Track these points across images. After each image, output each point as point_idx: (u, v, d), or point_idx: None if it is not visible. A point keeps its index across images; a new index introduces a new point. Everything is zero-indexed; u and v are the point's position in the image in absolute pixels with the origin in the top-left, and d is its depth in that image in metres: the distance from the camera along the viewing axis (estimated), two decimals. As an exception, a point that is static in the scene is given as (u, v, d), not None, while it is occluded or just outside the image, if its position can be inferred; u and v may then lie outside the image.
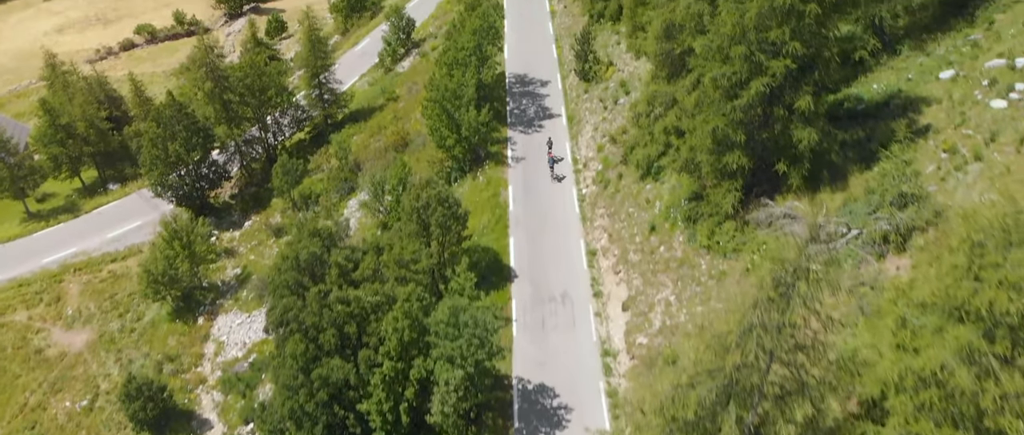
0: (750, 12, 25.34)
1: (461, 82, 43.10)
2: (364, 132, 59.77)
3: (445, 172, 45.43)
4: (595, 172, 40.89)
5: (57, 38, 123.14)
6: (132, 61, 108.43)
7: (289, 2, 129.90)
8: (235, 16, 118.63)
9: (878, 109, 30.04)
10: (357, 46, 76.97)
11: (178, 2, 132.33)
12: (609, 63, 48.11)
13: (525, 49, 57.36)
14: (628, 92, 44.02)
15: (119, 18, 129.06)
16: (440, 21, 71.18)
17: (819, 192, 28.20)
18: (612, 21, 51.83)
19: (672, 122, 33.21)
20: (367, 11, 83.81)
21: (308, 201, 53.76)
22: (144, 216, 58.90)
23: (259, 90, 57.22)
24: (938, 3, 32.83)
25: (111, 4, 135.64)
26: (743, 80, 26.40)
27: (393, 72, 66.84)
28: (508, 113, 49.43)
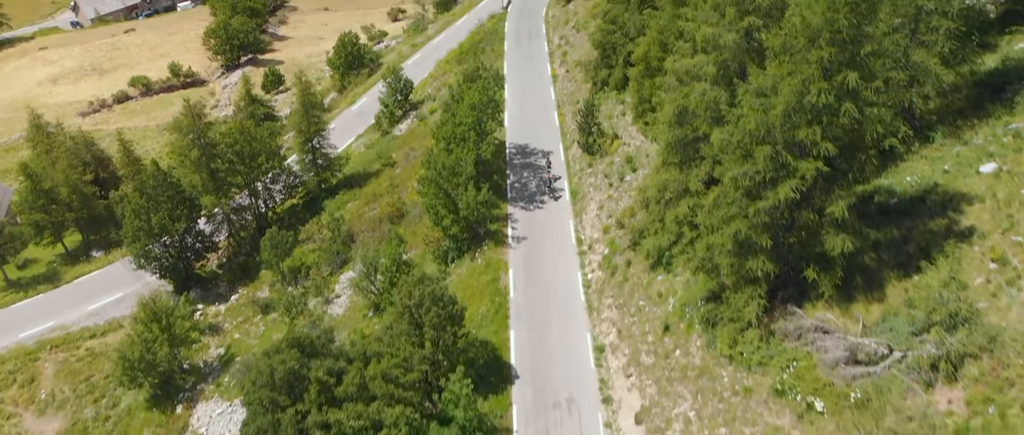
0: (776, 108, 22.96)
1: (459, 158, 40.76)
2: (359, 199, 57.35)
3: (441, 251, 42.81)
4: (601, 256, 38.25)
5: (51, 89, 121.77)
6: (125, 114, 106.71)
7: (287, 53, 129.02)
8: (232, 68, 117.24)
9: (913, 205, 27.54)
10: (354, 105, 75.04)
11: (176, 52, 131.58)
12: (614, 136, 45.84)
13: (526, 115, 55.24)
14: (635, 169, 41.64)
15: (115, 68, 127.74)
16: (439, 82, 69.28)
17: (853, 301, 25.55)
18: (616, 90, 49.73)
19: (685, 213, 30.72)
20: (365, 68, 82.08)
21: (298, 274, 51.08)
22: (127, 286, 56.18)
23: (249, 156, 54.86)
24: (971, 84, 30.52)
25: (107, 54, 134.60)
26: (768, 180, 23.92)
27: (390, 135, 64.68)
28: (508, 187, 47.02)
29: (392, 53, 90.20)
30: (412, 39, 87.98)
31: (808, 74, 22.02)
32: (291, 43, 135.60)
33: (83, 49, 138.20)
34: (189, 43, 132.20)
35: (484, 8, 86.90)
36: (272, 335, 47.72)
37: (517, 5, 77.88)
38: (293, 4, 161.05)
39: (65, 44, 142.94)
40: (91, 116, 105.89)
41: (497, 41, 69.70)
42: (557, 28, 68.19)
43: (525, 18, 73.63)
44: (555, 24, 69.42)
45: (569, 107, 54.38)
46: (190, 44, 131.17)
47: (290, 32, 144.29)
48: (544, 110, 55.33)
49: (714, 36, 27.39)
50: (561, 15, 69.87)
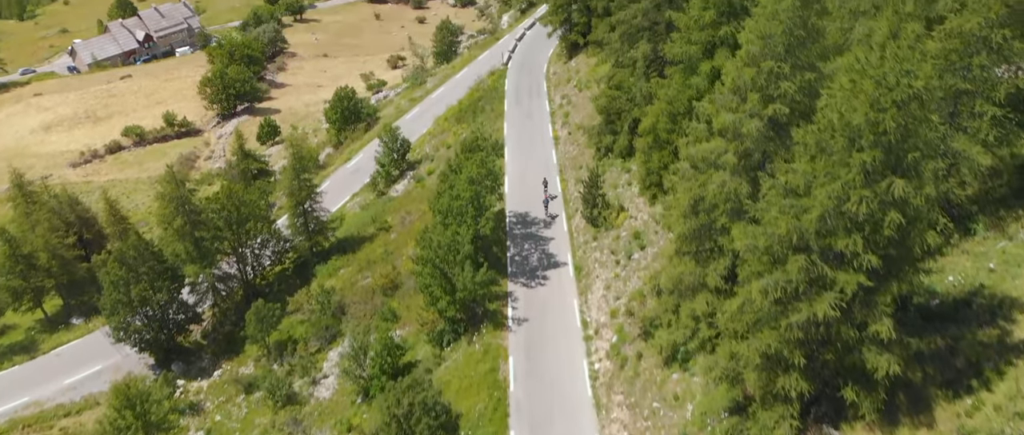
0: (811, 214, 20.39)
1: (457, 234, 38.17)
2: (352, 265, 54.69)
3: (436, 334, 39.98)
4: (609, 344, 35.42)
5: (43, 137, 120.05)
6: (117, 165, 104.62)
7: (285, 101, 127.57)
8: (228, 117, 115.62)
9: (958, 309, 24.86)
10: (350, 162, 72.79)
11: (172, 100, 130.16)
12: (620, 208, 43.33)
13: (528, 181, 52.81)
14: (643, 246, 39.03)
15: (109, 116, 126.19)
16: (437, 141, 67.13)
17: (897, 425, 22.72)
18: (622, 158, 47.34)
19: (702, 309, 28.02)
20: (362, 122, 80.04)
21: (284, 350, 48.20)
22: (106, 358, 53.30)
23: (237, 222, 52.33)
24: (1012, 169, 28.03)
25: (102, 101, 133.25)
26: (800, 292, 21.27)
27: (386, 196, 62.28)
28: (508, 260, 44.36)
29: (390, 106, 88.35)
30: (410, 93, 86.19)
31: (848, 179, 19.50)
32: (289, 91, 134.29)
33: (78, 96, 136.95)
34: (186, 90, 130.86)
35: (485, 61, 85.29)
36: (255, 418, 44.71)
37: (518, 61, 76.14)
38: (292, 50, 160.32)
39: (60, 90, 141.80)
40: (82, 167, 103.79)
41: (497, 99, 67.69)
42: (558, 86, 66.21)
43: (526, 74, 71.75)
44: (556, 82, 67.48)
45: (571, 172, 52.01)
46: (186, 91, 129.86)
47: (289, 79, 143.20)
48: (546, 174, 52.88)
49: (734, 123, 24.99)
50: (562, 72, 67.97)
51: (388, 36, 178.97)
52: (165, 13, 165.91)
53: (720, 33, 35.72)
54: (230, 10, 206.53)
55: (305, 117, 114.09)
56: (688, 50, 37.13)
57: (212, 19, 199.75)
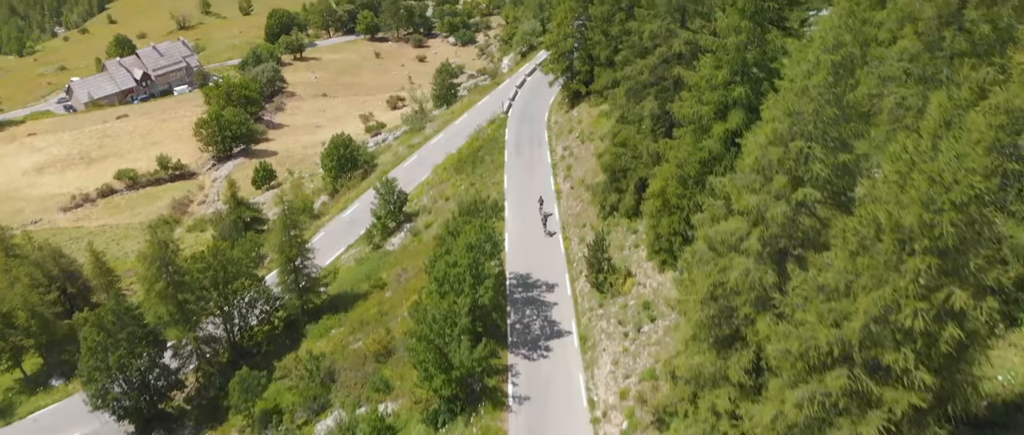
0: (854, 323, 17.91)
1: (453, 304, 35.64)
2: (344, 325, 52.03)
3: (430, 413, 37.21)
4: (619, 431, 32.66)
5: (35, 179, 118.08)
6: (109, 209, 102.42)
7: (282, 143, 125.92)
8: (224, 159, 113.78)
9: (1010, 414, 22.28)
10: (346, 211, 70.43)
11: (168, 140, 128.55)
12: (627, 273, 40.83)
13: (528, 240, 50.40)
14: (653, 319, 36.47)
15: (103, 157, 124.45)
16: (435, 192, 64.89)
17: None
18: (627, 217, 44.99)
19: (724, 406, 25.38)
20: (359, 169, 77.89)
21: (270, 421, 45.32)
22: (85, 424, 50.46)
23: (224, 282, 49.83)
24: (1059, 251, 25.61)
25: (97, 142, 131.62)
26: (843, 408, 18.71)
27: (382, 250, 59.87)
28: (509, 329, 41.71)
29: (388, 151, 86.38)
30: (409, 139, 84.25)
31: (898, 286, 17.06)
32: (287, 132, 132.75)
33: (73, 136, 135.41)
34: (182, 131, 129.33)
35: (485, 107, 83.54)
36: (237, 499, 41.77)
37: (518, 109, 74.25)
38: (291, 90, 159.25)
39: (55, 130, 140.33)
40: (73, 211, 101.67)
41: (497, 150, 65.57)
42: (560, 136, 64.15)
43: (526, 123, 69.76)
44: (558, 131, 65.44)
45: (575, 230, 49.59)
46: (183, 132, 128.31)
47: (287, 119, 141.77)
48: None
49: (759, 206, 22.63)
50: (564, 122, 65.96)
51: (388, 75, 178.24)
52: (164, 52, 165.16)
53: (734, 94, 33.59)
54: (230, 48, 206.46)
55: (302, 160, 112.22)
56: (699, 110, 34.94)
57: (211, 57, 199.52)
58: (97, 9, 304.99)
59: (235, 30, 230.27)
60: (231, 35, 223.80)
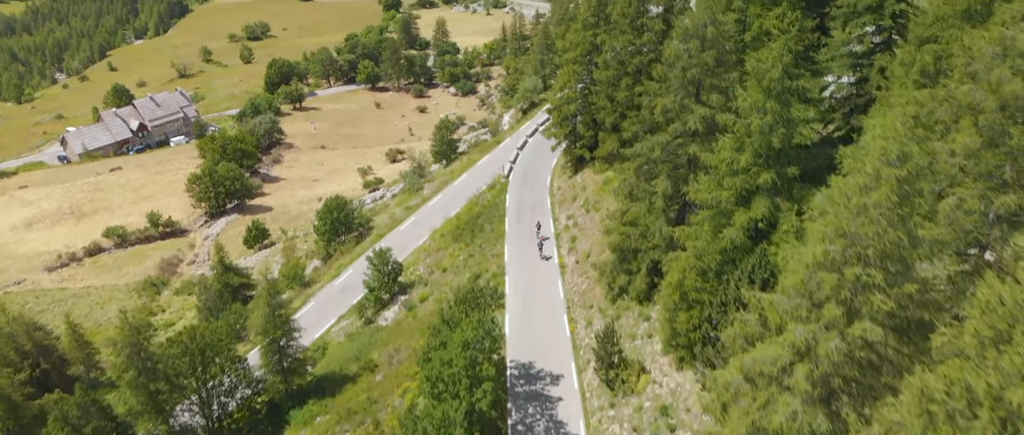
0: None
1: (447, 413, 31.91)
2: (330, 413, 48.13)
3: (423, 532, 33.18)
4: None
5: (23, 234, 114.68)
6: (95, 269, 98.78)
7: (278, 198, 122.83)
8: (217, 215, 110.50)
9: None
10: (338, 278, 66.90)
11: (161, 194, 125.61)
12: (640, 368, 37.17)
13: (531, 323, 46.74)
14: (673, 429, 32.68)
15: (94, 211, 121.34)
16: (432, 260, 61.54)
17: None
18: (639, 302, 41.47)
19: None
20: (353, 232, 74.63)
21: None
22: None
23: (202, 365, 46.16)
24: None
25: (88, 195, 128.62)
26: None
27: (374, 325, 56.21)
28: (509, 430, 37.82)
29: (384, 212, 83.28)
30: (406, 200, 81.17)
31: (1001, 476, 13.54)
32: (283, 186, 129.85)
33: (64, 189, 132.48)
34: (176, 184, 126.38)
35: (485, 166, 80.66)
36: None
37: (519, 172, 71.22)
38: (289, 141, 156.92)
39: (47, 182, 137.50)
40: (58, 271, 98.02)
41: (497, 218, 62.30)
42: (564, 204, 60.95)
43: (528, 189, 66.63)
44: (561, 198, 62.26)
45: (581, 311, 46.00)
46: (176, 185, 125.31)
47: (284, 172, 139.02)
48: (552, 315, 46.89)
49: (808, 338, 19.17)
50: (568, 188, 62.83)
51: (388, 125, 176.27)
52: (161, 102, 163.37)
53: (759, 180, 30.41)
54: (229, 97, 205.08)
55: (297, 217, 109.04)
56: (718, 196, 31.72)
57: (210, 106, 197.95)
58: (98, 56, 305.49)
59: (235, 79, 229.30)
60: (231, 84, 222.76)
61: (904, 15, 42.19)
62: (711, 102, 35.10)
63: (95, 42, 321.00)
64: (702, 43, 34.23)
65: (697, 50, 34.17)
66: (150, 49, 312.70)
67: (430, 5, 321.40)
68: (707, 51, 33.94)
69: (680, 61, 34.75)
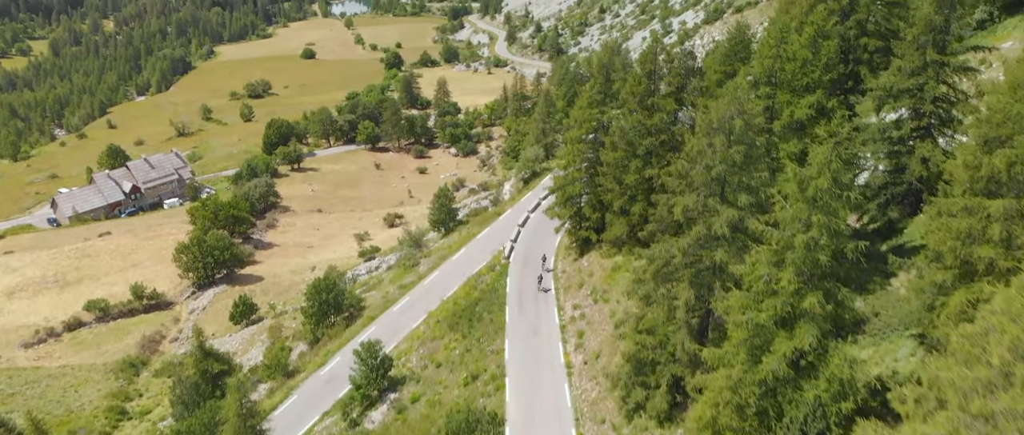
0: None
1: None
2: None
3: None
4: None
5: (4, 304, 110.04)
6: (74, 346, 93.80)
7: (270, 266, 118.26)
8: (205, 286, 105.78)
9: None
10: (325, 367, 61.85)
11: (149, 262, 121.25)
12: (664, 510, 32.12)
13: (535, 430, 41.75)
14: None
15: (79, 280, 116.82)
16: (426, 350, 56.70)
17: None
18: (658, 422, 36.53)
19: None
20: (343, 313, 69.88)
21: None
22: None
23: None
24: None
25: (74, 262, 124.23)
26: None
27: (360, 427, 50.99)
28: None
29: (377, 289, 78.64)
30: (401, 277, 76.61)
31: None
32: (276, 253, 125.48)
33: (50, 255, 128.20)
34: (165, 250, 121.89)
35: (485, 241, 76.33)
36: None
37: (521, 252, 66.71)
38: (285, 204, 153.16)
39: (33, 247, 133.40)
40: (35, 347, 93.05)
41: (496, 306, 57.60)
42: (569, 291, 56.33)
43: (530, 271, 62.02)
44: (566, 284, 57.66)
45: (592, 426, 40.91)
46: (166, 252, 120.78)
47: (278, 237, 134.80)
48: (558, 426, 41.83)
49: None
50: (573, 273, 58.28)
51: (387, 187, 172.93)
52: (155, 164, 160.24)
53: (804, 304, 25.91)
54: (227, 157, 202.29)
55: (288, 288, 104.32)
56: (755, 317, 27.15)
57: (208, 166, 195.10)
58: (98, 113, 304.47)
59: (234, 137, 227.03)
60: (230, 143, 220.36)
61: (946, 99, 38.37)
62: (739, 202, 30.77)
63: (96, 99, 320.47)
64: (728, 138, 30.10)
65: (723, 146, 30.03)
66: (151, 106, 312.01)
67: (432, 64, 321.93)
68: (734, 147, 29.77)
69: (703, 157, 30.58)
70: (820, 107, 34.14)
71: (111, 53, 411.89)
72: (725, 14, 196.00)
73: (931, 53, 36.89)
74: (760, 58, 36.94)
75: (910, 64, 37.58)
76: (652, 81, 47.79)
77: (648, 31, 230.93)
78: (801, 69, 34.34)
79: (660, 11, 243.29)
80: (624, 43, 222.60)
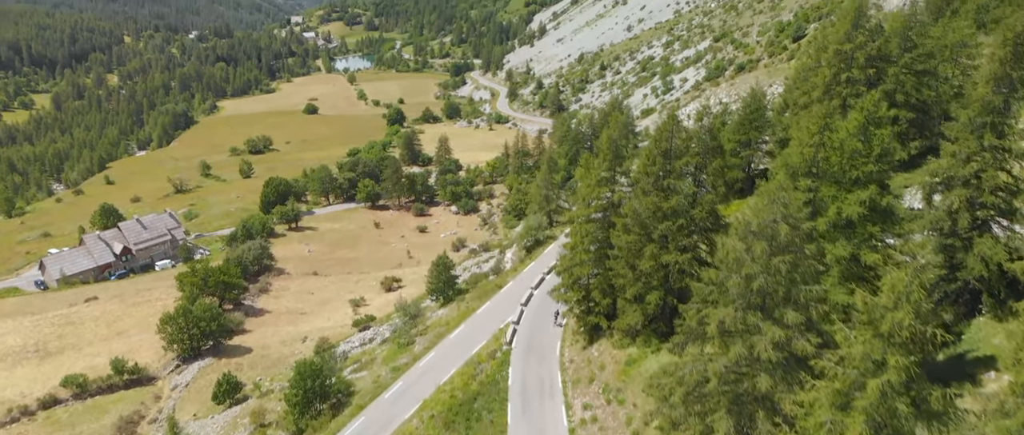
0: None
1: None
2: None
3: None
4: None
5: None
6: (48, 426, 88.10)
7: (260, 336, 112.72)
8: (190, 360, 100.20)
9: None
10: (307, 466, 56.21)
11: (135, 329, 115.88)
12: None
13: None
14: None
15: (61, 350, 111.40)
16: (419, 450, 51.25)
17: None
18: None
19: None
20: (329, 399, 64.44)
21: None
22: None
23: None
24: None
25: (57, 330, 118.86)
26: None
27: None
28: None
29: (368, 369, 73.23)
30: (395, 358, 71.29)
31: None
32: (268, 320, 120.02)
33: (33, 322, 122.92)
34: (152, 317, 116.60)
35: (484, 317, 71.24)
36: None
37: (524, 338, 61.47)
38: (280, 266, 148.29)
39: (17, 313, 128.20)
40: (7, 427, 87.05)
41: (497, 403, 52.17)
42: (578, 384, 51.01)
43: (534, 360, 56.78)
44: (575, 376, 52.36)
45: None
46: (153, 319, 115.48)
47: (270, 303, 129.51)
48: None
49: None
50: (582, 364, 53.04)
51: (386, 247, 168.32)
52: (147, 224, 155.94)
53: (877, 461, 20.94)
54: (224, 215, 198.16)
55: (277, 361, 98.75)
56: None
57: (204, 224, 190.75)
58: (98, 168, 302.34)
59: (233, 194, 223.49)
60: (228, 200, 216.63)
61: (1007, 188, 33.90)
62: (787, 320, 25.94)
63: (97, 153, 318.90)
64: (771, 244, 25.42)
65: (764, 254, 25.32)
66: (151, 161, 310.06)
67: (434, 120, 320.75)
68: (779, 256, 25.06)
69: (742, 266, 25.85)
70: (873, 204, 29.59)
71: (114, 107, 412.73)
72: (726, 71, 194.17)
73: (989, 137, 32.56)
74: (799, 146, 32.49)
75: (965, 149, 33.21)
76: (668, 160, 43.39)
77: (649, 88, 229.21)
78: (850, 161, 29.93)
79: (661, 68, 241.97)
80: (625, 100, 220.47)
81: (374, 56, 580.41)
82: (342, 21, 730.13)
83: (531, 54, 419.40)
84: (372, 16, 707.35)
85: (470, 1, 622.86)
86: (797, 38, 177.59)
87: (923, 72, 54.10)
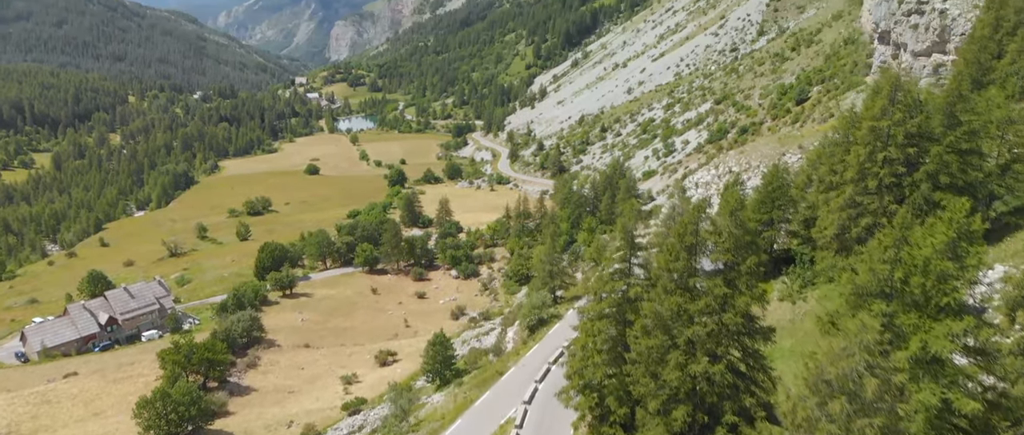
0: None
1: None
2: None
3: None
4: None
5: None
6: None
7: (243, 419, 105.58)
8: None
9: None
10: None
11: (114, 409, 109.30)
12: None
13: None
14: None
15: (34, 432, 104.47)
16: None
17: None
18: None
19: None
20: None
21: None
22: None
23: None
24: None
25: (32, 410, 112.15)
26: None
27: None
28: None
29: (357, 469, 66.49)
30: (385, 455, 64.64)
31: None
32: (253, 400, 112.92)
33: (7, 400, 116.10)
34: (133, 395, 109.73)
35: (483, 410, 64.94)
36: None
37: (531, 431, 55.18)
38: (270, 338, 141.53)
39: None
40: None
41: (499, 532, 45.65)
42: (592, 509, 44.41)
43: (541, 475, 50.37)
44: (588, 497, 45.79)
45: None
46: (133, 397, 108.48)
47: (257, 380, 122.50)
48: None
49: None
50: (597, 478, 46.51)
51: (384, 314, 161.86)
52: (135, 293, 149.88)
53: None
54: (218, 281, 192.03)
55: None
56: None
57: (197, 290, 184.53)
58: (94, 229, 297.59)
59: (228, 258, 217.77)
60: (223, 264, 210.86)
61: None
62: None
63: (94, 214, 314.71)
64: (851, 399, 19.57)
65: (844, 415, 19.43)
66: (148, 222, 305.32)
67: (435, 180, 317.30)
68: (864, 419, 19.17)
69: (815, 429, 19.92)
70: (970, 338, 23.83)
71: (114, 167, 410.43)
72: (728, 134, 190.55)
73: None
74: (869, 262, 26.67)
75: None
76: (693, 256, 37.80)
77: (650, 150, 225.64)
78: (937, 285, 24.05)
79: (662, 130, 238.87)
80: (626, 162, 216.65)
81: (377, 117, 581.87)
82: (346, 82, 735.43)
83: (532, 116, 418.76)
84: (375, 78, 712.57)
85: (472, 63, 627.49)
86: (800, 101, 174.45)
87: (968, 151, 48.94)
